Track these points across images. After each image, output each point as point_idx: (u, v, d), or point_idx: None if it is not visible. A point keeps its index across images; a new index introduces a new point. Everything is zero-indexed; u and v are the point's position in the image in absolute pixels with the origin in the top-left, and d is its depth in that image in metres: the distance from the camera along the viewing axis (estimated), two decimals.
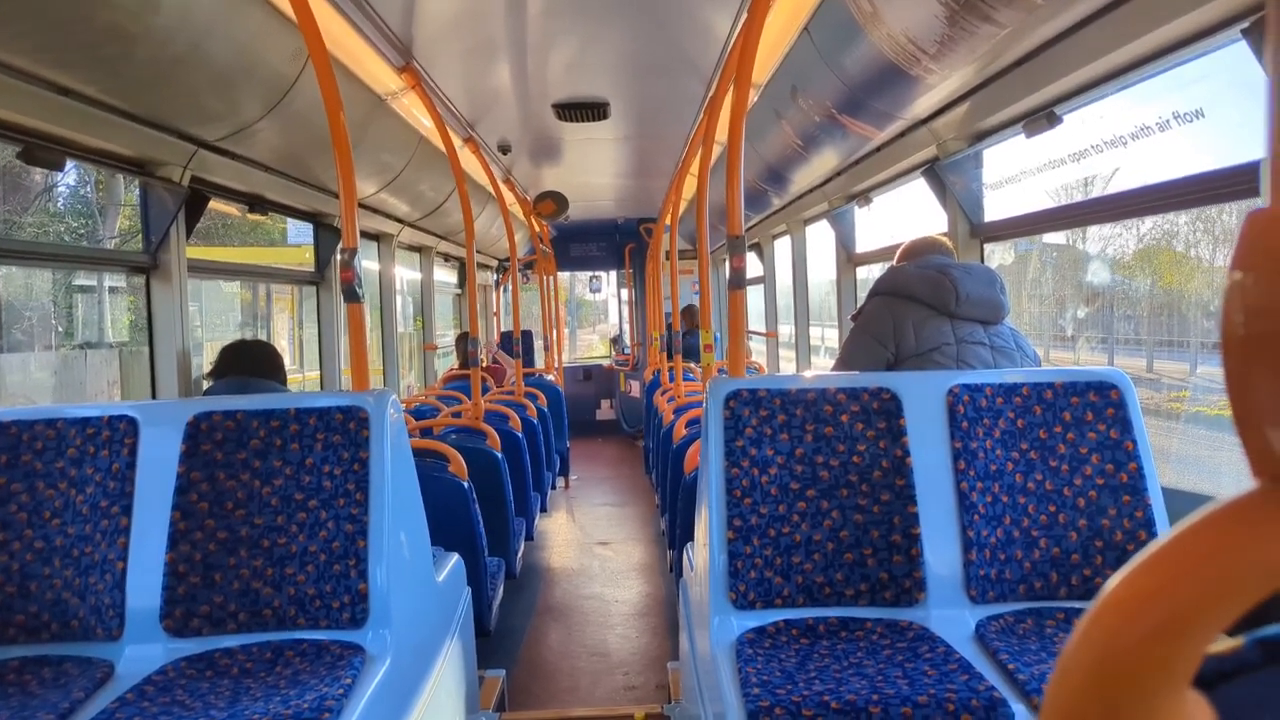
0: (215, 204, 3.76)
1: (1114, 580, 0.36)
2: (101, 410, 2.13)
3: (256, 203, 3.96)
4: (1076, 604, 2.01)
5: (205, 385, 2.97)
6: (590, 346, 16.99)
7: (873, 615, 2.01)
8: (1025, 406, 2.13)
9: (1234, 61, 1.90)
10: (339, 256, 2.40)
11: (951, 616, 1.99)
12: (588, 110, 4.45)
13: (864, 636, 1.92)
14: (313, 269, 4.86)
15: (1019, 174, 3.21)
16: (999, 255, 4.00)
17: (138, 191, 3.27)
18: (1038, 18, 2.11)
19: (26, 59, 2.27)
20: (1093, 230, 6.16)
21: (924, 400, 2.14)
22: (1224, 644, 0.42)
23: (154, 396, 3.25)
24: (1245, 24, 1.81)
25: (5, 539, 2.01)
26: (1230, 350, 0.35)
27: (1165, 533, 0.35)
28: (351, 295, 2.37)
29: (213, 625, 1.98)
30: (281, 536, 2.04)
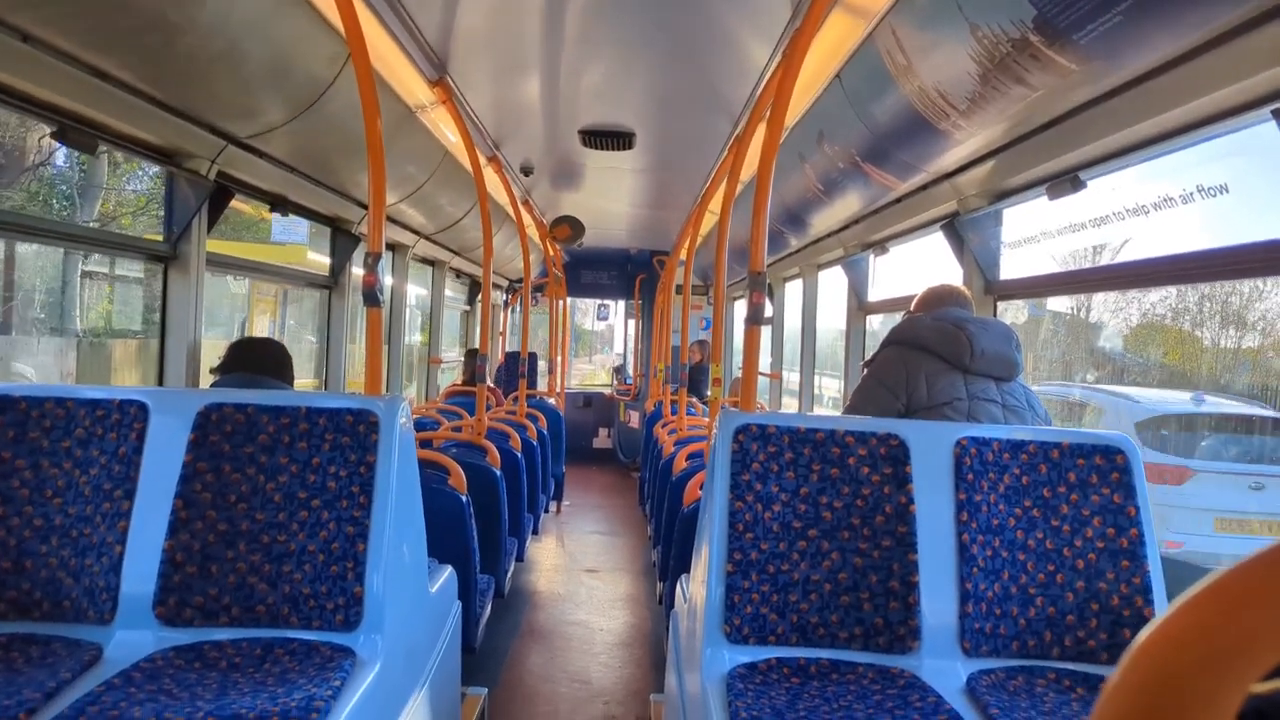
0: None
1: (1166, 612, 0.36)
2: (112, 394, 2.13)
3: (278, 202, 3.99)
4: (1069, 665, 2.00)
5: (210, 380, 2.95)
6: (585, 375, 16.94)
7: (865, 660, 2.00)
8: (1031, 464, 2.13)
9: (1263, 140, 1.92)
10: (365, 261, 2.40)
11: (943, 667, 1.98)
12: (613, 139, 4.49)
13: (855, 680, 1.91)
14: (326, 273, 4.88)
15: (1038, 234, 3.23)
16: (1011, 315, 4.02)
17: (129, 178, 3.27)
18: (1070, 83, 2.14)
19: (69, 40, 2.30)
20: (1097, 301, 6.19)
21: (931, 450, 2.14)
22: (1265, 685, 0.42)
23: (161, 385, 3.26)
24: (1276, 104, 1.83)
25: (5, 514, 2.00)
26: None
27: (1220, 568, 0.36)
28: (372, 300, 2.38)
29: (205, 616, 1.97)
30: (281, 533, 2.03)
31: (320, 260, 5.54)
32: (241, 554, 2.01)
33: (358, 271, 4.61)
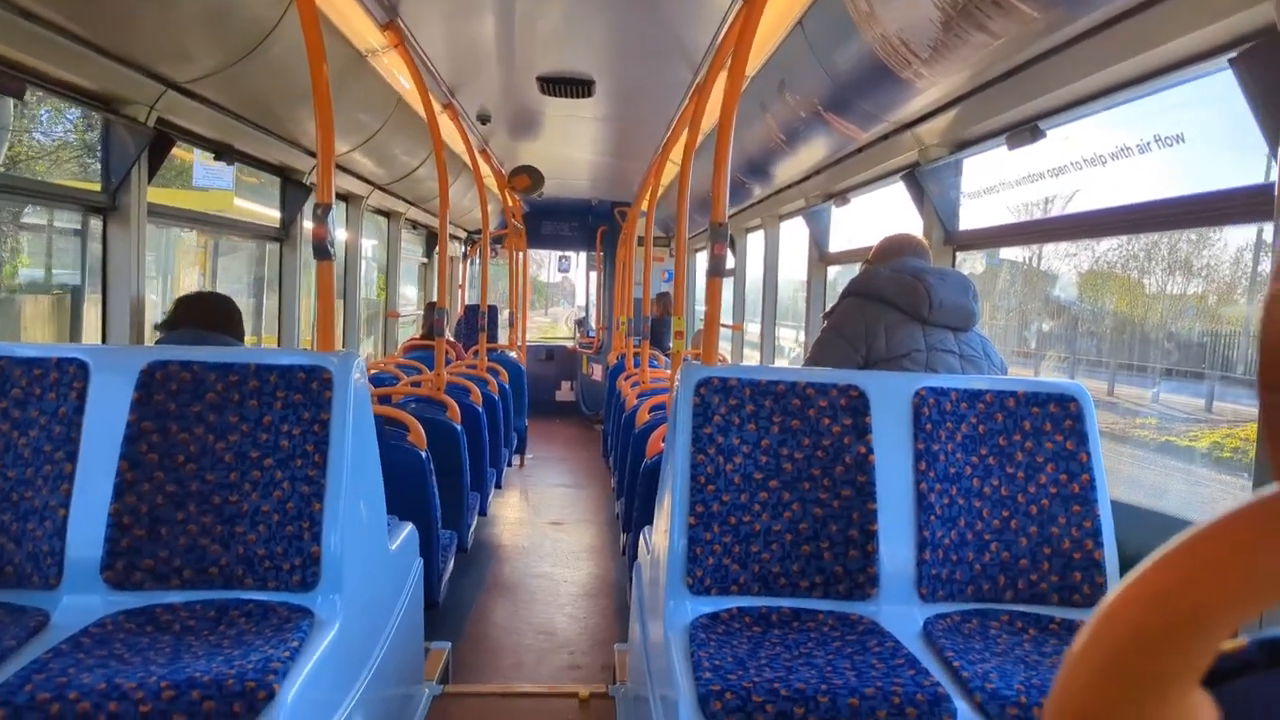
0: None
1: (1135, 572, 0.36)
2: (50, 351, 2.05)
3: (223, 151, 3.85)
4: (1020, 607, 2.07)
5: (156, 336, 2.86)
6: (541, 328, 16.78)
7: (825, 607, 2.04)
8: (988, 413, 2.17)
9: (1220, 89, 1.93)
10: (314, 212, 2.32)
11: (901, 613, 2.04)
12: (572, 86, 4.39)
13: (815, 628, 1.95)
14: (259, 221, 4.74)
15: (996, 185, 3.24)
16: (969, 265, 4.06)
17: (41, 120, 3.10)
18: (1031, 31, 2.12)
19: None
20: (1048, 251, 6.28)
21: (891, 400, 2.16)
22: (1227, 644, 0.42)
23: (104, 343, 3.15)
24: (1233, 54, 1.83)
25: None
26: (1267, 355, 0.36)
27: (1190, 528, 0.35)
28: (323, 252, 2.32)
29: (155, 580, 1.93)
30: (233, 494, 1.99)
31: (248, 208, 5.31)
32: (192, 515, 1.97)
33: (310, 224, 4.49)
